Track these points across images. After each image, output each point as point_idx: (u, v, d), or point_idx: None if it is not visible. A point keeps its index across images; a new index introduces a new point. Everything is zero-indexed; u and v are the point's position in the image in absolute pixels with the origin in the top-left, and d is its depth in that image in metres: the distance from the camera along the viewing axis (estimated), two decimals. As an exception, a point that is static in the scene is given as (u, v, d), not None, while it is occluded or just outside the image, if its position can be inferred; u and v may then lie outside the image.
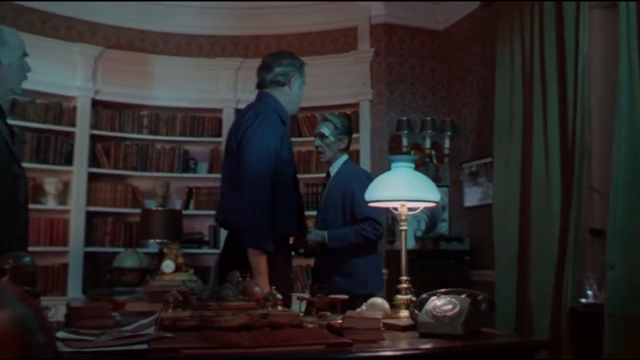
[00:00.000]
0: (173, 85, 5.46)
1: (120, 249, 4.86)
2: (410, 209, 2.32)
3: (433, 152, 5.04)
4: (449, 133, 5.00)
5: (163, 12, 5.48)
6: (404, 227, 2.31)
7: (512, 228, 4.14)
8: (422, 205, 2.31)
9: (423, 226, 5.08)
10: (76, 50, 5.15)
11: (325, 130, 3.52)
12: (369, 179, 3.68)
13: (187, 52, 5.63)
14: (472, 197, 4.86)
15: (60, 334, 1.64)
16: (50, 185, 5.01)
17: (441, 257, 4.69)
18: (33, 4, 5.03)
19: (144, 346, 1.52)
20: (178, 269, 4.13)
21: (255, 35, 5.65)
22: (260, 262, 2.54)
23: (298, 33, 5.60)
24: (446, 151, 5.04)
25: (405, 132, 4.98)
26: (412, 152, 5.03)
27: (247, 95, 5.49)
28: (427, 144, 5.02)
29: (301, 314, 2.15)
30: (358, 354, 1.57)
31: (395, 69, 5.26)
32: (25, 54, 2.52)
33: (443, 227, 5.13)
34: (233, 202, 2.65)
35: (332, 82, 5.28)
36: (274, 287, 2.06)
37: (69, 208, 5.07)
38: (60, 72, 5.08)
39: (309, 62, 3.16)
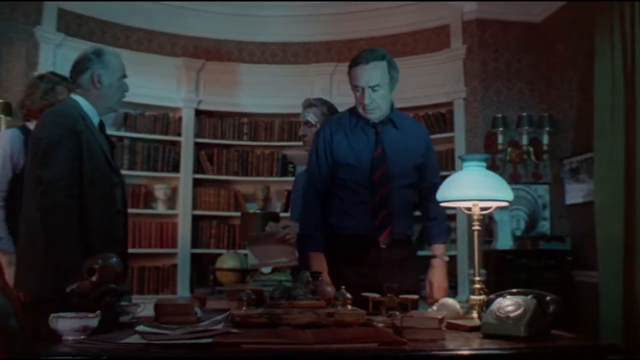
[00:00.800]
0: (270, 92, 5.66)
1: (224, 251, 5.13)
2: (482, 209, 2.29)
3: (531, 149, 4.88)
4: (547, 128, 4.83)
5: (259, 23, 5.70)
6: (477, 227, 2.29)
7: (616, 227, 3.91)
8: (493, 204, 2.28)
9: (523, 225, 4.93)
10: (180, 64, 5.50)
11: (311, 117, 3.28)
12: None
13: (283, 59, 5.83)
14: (574, 194, 4.64)
15: (139, 328, 1.80)
16: (160, 192, 5.38)
17: (541, 257, 4.52)
18: (141, 24, 5.44)
19: (209, 340, 1.64)
20: (276, 269, 4.31)
21: (348, 39, 5.73)
22: (311, 262, 2.65)
23: (390, 35, 5.61)
24: (545, 147, 4.86)
25: (501, 129, 4.86)
26: (509, 149, 4.90)
27: (342, 99, 5.56)
28: (524, 140, 4.88)
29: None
30: (410, 353, 1.60)
31: (490, 65, 5.14)
32: (124, 76, 2.74)
33: (544, 226, 4.94)
34: None
35: (425, 82, 5.26)
36: (343, 287, 2.12)
37: (177, 212, 5.42)
38: (166, 86, 5.46)
39: (401, 63, 2.98)
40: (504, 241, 4.69)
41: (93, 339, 1.67)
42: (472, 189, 2.23)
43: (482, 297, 2.18)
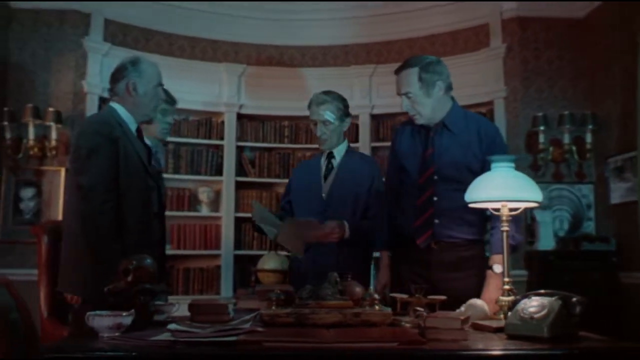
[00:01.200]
0: (311, 95, 5.69)
1: (266, 252, 5.20)
2: (511, 210, 2.28)
3: (573, 148, 4.79)
4: (590, 126, 4.73)
5: (298, 27, 5.77)
6: (505, 228, 2.28)
7: (662, 226, 3.83)
8: (521, 205, 2.27)
9: (566, 226, 4.84)
10: (222, 69, 5.62)
11: (329, 115, 3.19)
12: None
13: (323, 63, 5.88)
14: (619, 193, 4.53)
15: (171, 326, 1.87)
16: (204, 195, 5.51)
17: (584, 258, 4.43)
18: (184, 31, 5.58)
19: (234, 338, 1.70)
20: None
21: (386, 40, 5.75)
22: (380, 257, 2.95)
23: (429, 35, 5.60)
24: (588, 146, 4.76)
25: (542, 128, 4.79)
26: (550, 148, 4.82)
27: (381, 100, 5.63)
28: (566, 139, 4.78)
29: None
30: (430, 353, 1.62)
31: (531, 63, 5.06)
32: (160, 84, 2.84)
33: (589, 227, 4.84)
34: None
35: (464, 82, 5.12)
36: (371, 288, 2.16)
37: (220, 215, 5.53)
38: (209, 91, 5.60)
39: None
40: (545, 242, 4.62)
41: (126, 336, 1.76)
42: (499, 190, 2.22)
43: (511, 298, 2.17)
